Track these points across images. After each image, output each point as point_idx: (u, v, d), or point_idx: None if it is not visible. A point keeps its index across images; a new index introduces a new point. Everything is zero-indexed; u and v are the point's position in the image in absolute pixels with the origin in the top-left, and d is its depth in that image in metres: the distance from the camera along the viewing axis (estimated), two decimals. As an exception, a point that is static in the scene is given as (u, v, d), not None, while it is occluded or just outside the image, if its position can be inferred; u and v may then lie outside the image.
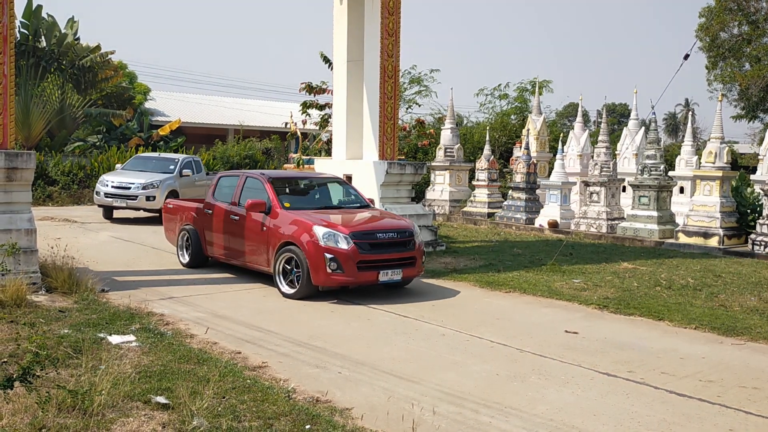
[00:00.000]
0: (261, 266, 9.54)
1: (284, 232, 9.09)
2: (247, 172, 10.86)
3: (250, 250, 9.71)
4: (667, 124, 70.79)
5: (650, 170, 16.16)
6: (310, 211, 9.54)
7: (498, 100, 33.37)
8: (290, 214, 9.31)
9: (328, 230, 8.77)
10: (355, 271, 8.63)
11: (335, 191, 10.88)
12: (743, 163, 32.38)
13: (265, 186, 9.91)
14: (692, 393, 5.60)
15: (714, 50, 30.66)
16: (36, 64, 25.89)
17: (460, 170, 22.14)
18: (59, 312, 7.42)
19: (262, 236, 9.46)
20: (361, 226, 9.20)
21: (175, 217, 11.59)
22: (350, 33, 13.61)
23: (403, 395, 5.36)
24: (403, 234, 9.24)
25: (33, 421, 4.35)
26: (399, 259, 9.06)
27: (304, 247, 8.73)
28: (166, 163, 18.61)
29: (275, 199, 9.60)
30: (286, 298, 8.80)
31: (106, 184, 17.03)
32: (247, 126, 34.18)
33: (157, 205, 16.38)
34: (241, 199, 10.08)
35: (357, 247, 8.67)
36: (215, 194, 10.78)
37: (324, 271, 8.57)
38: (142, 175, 17.31)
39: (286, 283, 8.98)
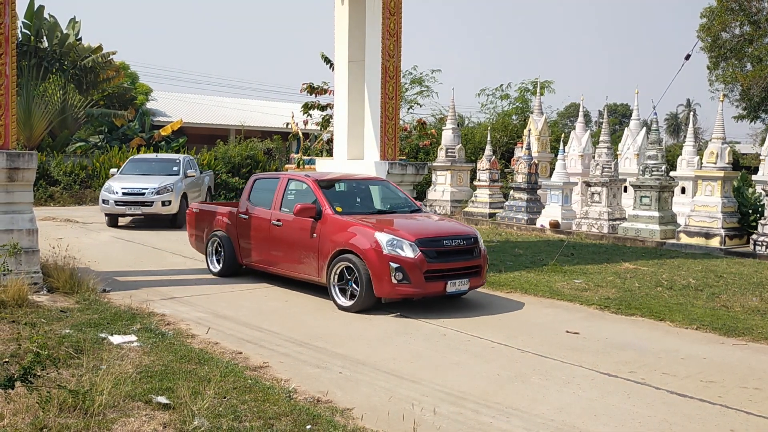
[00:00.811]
0: (309, 276, 8.87)
1: (339, 239, 8.42)
2: (288, 174, 10.28)
3: (297, 258, 9.02)
4: (669, 124, 70.76)
5: (652, 170, 16.15)
6: (363, 216, 8.88)
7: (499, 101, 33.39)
8: (344, 219, 8.63)
9: (392, 237, 8.07)
10: (422, 281, 7.96)
11: (383, 194, 10.21)
12: (745, 164, 32.35)
13: (312, 189, 9.20)
14: (693, 393, 5.60)
15: (715, 50, 30.65)
16: (38, 65, 25.92)
17: (462, 170, 22.14)
18: (61, 312, 7.43)
19: (311, 244, 8.75)
20: (427, 232, 8.45)
21: (202, 222, 10.83)
22: (351, 33, 13.61)
23: (403, 395, 5.37)
24: (468, 240, 8.54)
25: (34, 421, 4.35)
26: (466, 268, 8.43)
27: (365, 255, 8.04)
28: (167, 164, 17.68)
29: (326, 203, 8.85)
30: (342, 311, 8.17)
31: (114, 191, 15.76)
32: (249, 126, 34.18)
33: (173, 211, 15.91)
34: (283, 204, 9.46)
35: (424, 255, 8.00)
36: (251, 198, 10.06)
37: (388, 281, 7.91)
38: (150, 179, 16.31)
39: (342, 295, 8.32)
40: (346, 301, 8.26)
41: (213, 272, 10.35)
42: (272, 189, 9.83)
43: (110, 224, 16.07)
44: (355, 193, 9.93)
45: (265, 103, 42.87)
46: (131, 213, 15.87)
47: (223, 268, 10.20)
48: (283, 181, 9.74)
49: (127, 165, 17.69)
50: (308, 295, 9.10)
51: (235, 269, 10.19)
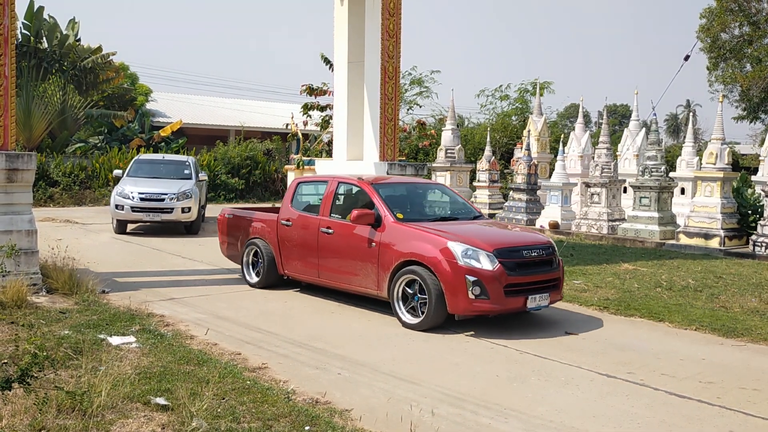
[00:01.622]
0: (366, 289, 8.12)
1: (403, 249, 7.64)
2: (337, 176, 9.32)
3: (351, 269, 8.25)
4: (669, 125, 70.76)
5: (651, 171, 16.15)
6: (427, 223, 8.13)
7: (499, 101, 33.47)
8: (407, 226, 7.86)
9: (467, 246, 7.31)
10: (501, 296, 7.20)
11: (440, 198, 9.51)
12: (744, 164, 32.37)
13: (368, 193, 8.42)
14: (692, 394, 5.60)
15: (715, 51, 30.66)
16: (37, 66, 25.93)
17: (461, 171, 22.14)
18: (60, 313, 7.43)
19: (369, 254, 7.99)
20: (504, 242, 7.71)
21: (237, 229, 10.06)
22: (351, 34, 13.62)
23: (402, 396, 5.36)
24: (547, 250, 7.83)
25: (32, 422, 4.35)
26: (546, 281, 7.67)
27: (436, 267, 7.27)
28: (178, 166, 16.49)
29: (386, 210, 8.07)
30: (408, 329, 7.42)
31: (129, 196, 14.53)
32: (248, 127, 34.20)
33: (192, 218, 14.97)
34: (334, 209, 8.70)
35: (504, 268, 7.25)
36: (294, 203, 9.33)
37: (464, 296, 7.13)
38: (165, 183, 15.26)
39: (407, 311, 7.57)
40: (412, 318, 7.48)
41: (250, 283, 9.63)
42: (319, 193, 9.17)
43: (119, 231, 14.89)
44: (412, 198, 9.16)
45: (265, 104, 42.89)
46: (149, 220, 14.75)
47: (262, 279, 9.47)
48: (332, 185, 8.93)
49: (134, 167, 16.25)
50: (307, 296, 9.11)
51: (275, 280, 9.45)
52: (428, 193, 9.48)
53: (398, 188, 9.23)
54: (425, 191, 9.46)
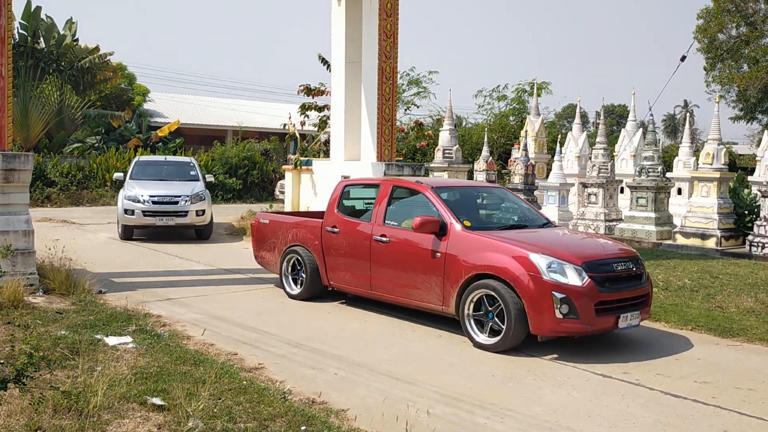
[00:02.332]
0: (429, 304, 7.40)
1: (475, 261, 6.91)
2: (392, 179, 8.68)
3: (411, 282, 7.54)
4: (666, 125, 70.86)
5: (648, 171, 16.18)
6: (498, 232, 7.44)
7: (496, 102, 33.51)
8: (478, 235, 7.14)
9: (552, 259, 6.58)
10: (592, 315, 6.46)
11: (504, 204, 8.76)
12: (742, 165, 32.45)
13: (430, 198, 7.69)
14: (687, 394, 5.61)
15: (712, 52, 30.74)
16: (34, 66, 25.91)
17: (459, 171, 22.13)
18: (56, 313, 7.43)
19: (433, 265, 7.27)
20: (592, 254, 6.95)
21: (274, 236, 9.38)
22: (348, 35, 13.65)
23: (398, 396, 5.37)
24: (636, 263, 7.12)
25: (28, 422, 4.36)
26: (636, 298, 6.93)
27: (517, 282, 6.54)
28: (183, 168, 15.83)
29: (452, 216, 7.34)
30: (483, 350, 6.73)
31: (141, 199, 13.82)
32: (246, 127, 34.20)
33: (205, 221, 14.45)
34: (389, 216, 8.00)
35: (593, 283, 6.53)
36: (341, 208, 8.67)
37: (551, 315, 6.41)
38: (174, 185, 14.64)
39: (480, 330, 6.85)
40: (487, 339, 6.75)
41: (290, 295, 8.97)
42: (370, 198, 8.47)
43: (126, 236, 14.11)
44: (474, 204, 8.44)
45: (263, 104, 42.90)
46: (162, 225, 14.02)
47: (303, 291, 8.81)
48: (386, 189, 8.19)
49: (136, 169, 15.42)
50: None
51: (318, 291, 8.79)
52: (489, 197, 8.75)
53: (458, 192, 8.39)
54: (486, 196, 8.76)
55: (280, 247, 9.22)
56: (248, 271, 10.80)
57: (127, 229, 14.14)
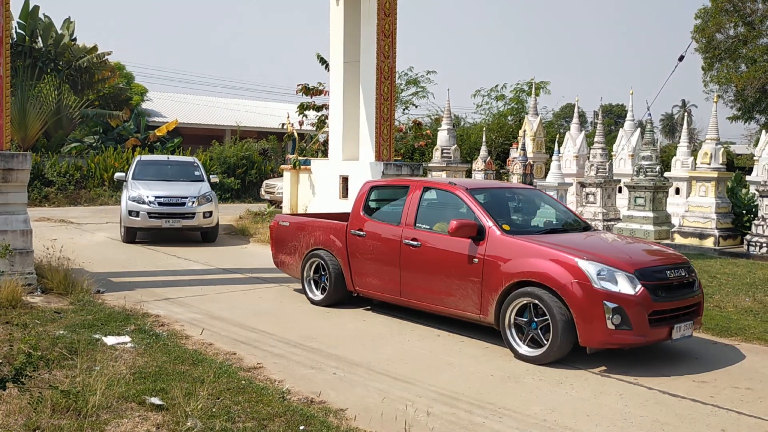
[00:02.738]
0: (465, 312, 7.04)
1: (516, 268, 6.53)
2: (422, 180, 8.26)
3: (444, 289, 7.17)
4: (664, 125, 70.96)
5: (646, 171, 16.20)
6: (539, 236, 7.06)
7: (495, 101, 33.54)
8: (518, 240, 6.76)
9: (602, 266, 6.22)
10: (645, 326, 6.10)
11: (542, 206, 8.36)
12: (739, 164, 32.50)
13: (465, 200, 7.31)
14: (685, 393, 5.63)
15: (710, 51, 30.76)
16: (32, 65, 25.87)
17: (457, 171, 22.16)
18: (55, 313, 7.43)
19: (469, 271, 6.89)
20: (643, 260, 6.59)
21: (295, 239, 9.00)
22: (347, 34, 13.64)
23: (397, 396, 5.38)
24: (688, 270, 6.77)
25: (27, 422, 4.35)
26: (689, 307, 6.59)
27: (564, 290, 6.17)
28: (186, 167, 15.38)
29: (490, 219, 6.96)
30: (525, 362, 6.36)
31: (146, 200, 13.30)
32: (244, 127, 34.19)
33: (213, 223, 13.93)
34: (420, 218, 7.61)
35: (647, 292, 6.17)
36: (367, 210, 8.30)
37: (602, 326, 6.04)
38: (179, 186, 14.17)
39: (522, 341, 6.48)
40: (531, 350, 6.38)
41: (313, 300, 8.63)
42: (399, 199, 8.05)
43: (128, 239, 13.58)
44: (510, 206, 8.05)
45: (261, 104, 42.87)
46: (169, 227, 13.47)
47: (327, 296, 8.45)
48: (416, 190, 7.82)
49: (138, 168, 14.84)
50: (303, 297, 9.11)
51: (342, 297, 8.47)
52: (524, 199, 8.30)
53: (493, 194, 7.99)
54: (521, 197, 8.31)
55: (301, 250, 8.85)
56: (247, 271, 10.80)
57: (130, 232, 13.60)
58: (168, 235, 14.42)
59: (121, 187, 21.33)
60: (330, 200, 13.50)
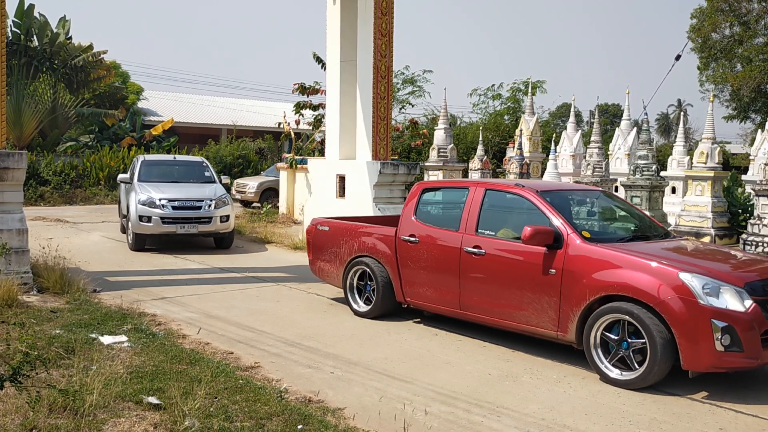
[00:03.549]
0: (538, 328, 6.38)
1: (603, 280, 5.84)
2: (484, 182, 7.48)
3: (515, 302, 6.50)
4: (660, 124, 71.12)
5: (642, 170, 16.22)
6: (623, 244, 6.39)
7: (491, 101, 33.54)
8: (602, 249, 6.04)
9: (708, 279, 5.54)
10: (758, 347, 5.45)
11: (616, 209, 7.67)
12: (735, 164, 32.56)
13: (536, 204, 6.61)
14: (683, 392, 5.63)
15: (706, 51, 30.84)
16: (28, 64, 25.81)
17: (454, 170, 22.15)
18: (51, 312, 7.40)
19: (545, 283, 6.23)
20: (750, 273, 5.86)
21: (335, 244, 8.35)
22: (343, 33, 13.62)
23: (395, 395, 5.37)
24: None
25: (24, 421, 4.34)
26: None
27: (665, 306, 5.50)
28: (194, 168, 14.42)
29: (569, 226, 6.26)
30: (615, 386, 5.72)
31: (158, 204, 12.32)
32: (240, 126, 34.17)
33: (230, 228, 12.99)
34: (482, 224, 6.93)
35: (759, 308, 5.49)
36: (420, 214, 7.63)
37: (709, 347, 5.38)
38: (192, 188, 13.23)
39: (610, 361, 5.82)
40: (622, 374, 5.72)
41: (357, 312, 8.00)
42: (457, 202, 7.40)
43: (137, 247, 12.47)
44: (584, 210, 7.48)
45: (257, 103, 42.85)
46: (184, 233, 12.50)
47: (374, 308, 7.83)
48: (477, 193, 7.13)
49: (144, 170, 13.76)
50: (300, 295, 9.10)
51: (391, 309, 7.84)
52: (597, 202, 7.63)
53: (563, 196, 7.15)
54: (593, 200, 7.63)
55: (342, 257, 8.21)
56: (243, 270, 10.79)
57: (140, 239, 12.46)
58: (178, 241, 13.69)
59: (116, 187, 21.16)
60: (327, 199, 13.48)
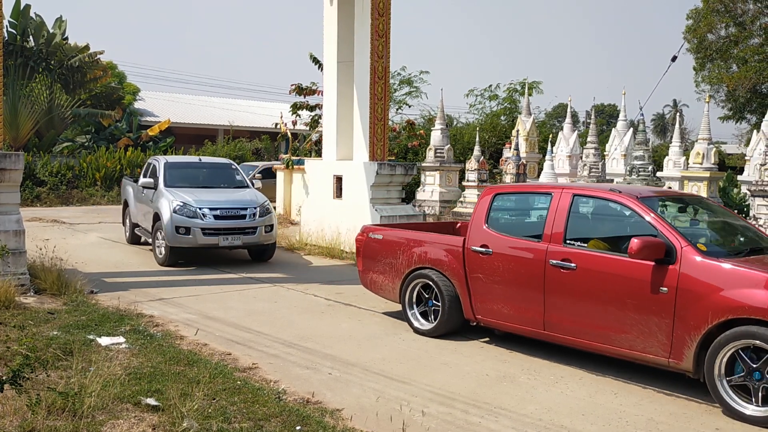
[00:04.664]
0: (647, 354, 5.67)
1: (729, 300, 5.13)
2: (571, 187, 6.72)
3: (616, 324, 5.77)
4: (656, 124, 71.24)
5: (638, 171, 16.27)
6: (745, 258, 5.61)
7: (488, 101, 33.57)
8: (722, 264, 5.35)
9: None
10: None
11: (720, 218, 6.93)
12: (731, 164, 32.66)
13: (639, 213, 5.90)
14: (680, 392, 5.65)
15: (702, 52, 30.95)
16: (24, 64, 25.76)
17: (450, 171, 22.19)
18: (48, 314, 7.40)
19: (654, 303, 5.52)
20: None
21: (391, 254, 7.65)
22: (340, 34, 13.63)
23: (393, 396, 5.39)
24: None
25: (22, 423, 4.34)
26: None
27: None
28: (224, 171, 12.96)
29: (681, 239, 5.56)
30: (750, 423, 5.02)
31: (198, 212, 10.79)
32: (237, 126, 34.14)
33: (272, 239, 11.62)
34: (570, 233, 6.19)
35: None
36: (493, 222, 6.94)
37: None
38: (229, 193, 11.82)
39: (744, 398, 5.08)
40: (758, 409, 5.00)
41: (418, 330, 7.28)
42: (538, 210, 6.77)
43: (171, 262, 10.98)
44: (691, 219, 6.77)
45: (254, 103, 42.84)
46: (227, 245, 11.03)
47: (439, 325, 7.12)
48: (564, 199, 6.35)
49: (170, 172, 12.10)
50: (298, 296, 9.11)
51: (457, 326, 7.16)
52: (699, 210, 6.90)
53: (666, 203, 6.60)
54: (697, 208, 6.91)
55: (399, 269, 7.54)
56: (240, 271, 10.79)
57: (175, 253, 10.97)
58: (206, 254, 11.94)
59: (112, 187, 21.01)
60: (324, 200, 13.50)
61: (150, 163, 13.02)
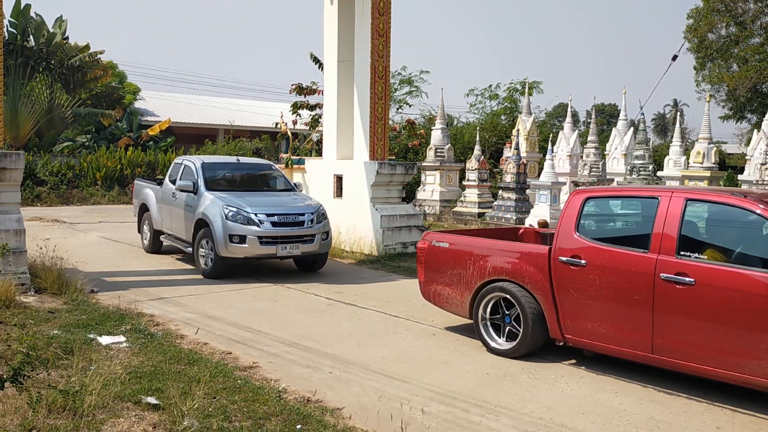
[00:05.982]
0: None
1: None
2: (681, 190, 5.84)
3: (748, 349, 5.09)
4: (656, 124, 71.23)
5: (639, 170, 16.28)
6: None
7: (488, 101, 33.57)
8: None
9: None
10: None
11: None
12: (731, 163, 32.66)
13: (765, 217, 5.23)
14: (681, 391, 5.65)
15: (702, 51, 30.95)
16: (24, 64, 25.76)
17: (451, 170, 22.21)
18: (49, 313, 7.40)
19: None
20: None
21: (460, 265, 6.95)
22: (340, 34, 13.64)
23: (393, 395, 5.39)
24: None
25: (23, 422, 4.34)
26: None
27: None
28: (267, 173, 12.01)
29: None
30: None
31: (253, 219, 9.82)
32: (238, 126, 34.14)
33: (328, 246, 10.81)
34: (683, 244, 5.49)
35: None
36: (584, 229, 6.19)
37: None
38: (279, 198, 10.88)
39: None
40: None
41: (495, 350, 6.60)
42: (642, 216, 6.11)
43: (220, 274, 10.05)
44: None
45: (254, 103, 42.83)
46: (285, 255, 10.08)
47: (520, 345, 6.42)
48: (675, 204, 5.66)
49: (209, 174, 10.99)
50: (298, 295, 9.11)
51: (540, 345, 6.50)
52: None
53: None
54: None
55: (470, 281, 6.85)
56: (239, 270, 10.78)
57: (226, 264, 10.03)
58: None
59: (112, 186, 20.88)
60: (324, 200, 13.48)
61: (180, 163, 11.76)
